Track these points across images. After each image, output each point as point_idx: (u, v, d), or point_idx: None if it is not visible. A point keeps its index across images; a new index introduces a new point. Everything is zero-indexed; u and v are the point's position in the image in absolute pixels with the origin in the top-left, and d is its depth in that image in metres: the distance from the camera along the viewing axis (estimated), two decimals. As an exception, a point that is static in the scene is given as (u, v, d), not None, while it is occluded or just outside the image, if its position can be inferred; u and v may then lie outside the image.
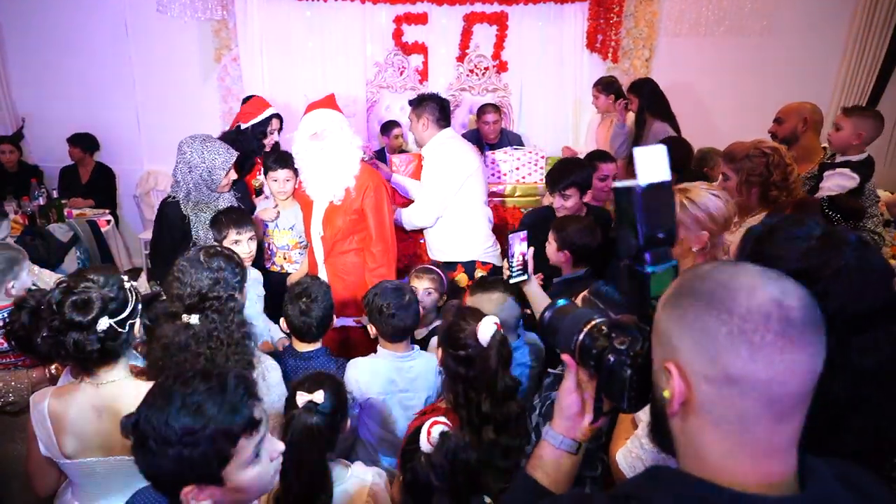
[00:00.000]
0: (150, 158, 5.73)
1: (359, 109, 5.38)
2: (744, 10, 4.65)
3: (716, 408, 0.74)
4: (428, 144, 3.36)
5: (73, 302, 1.52)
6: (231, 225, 2.70)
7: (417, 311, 2.23)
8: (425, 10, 5.25)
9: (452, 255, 3.39)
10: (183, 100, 5.50)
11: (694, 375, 0.75)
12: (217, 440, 1.07)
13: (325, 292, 2.29)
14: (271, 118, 3.53)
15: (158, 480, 1.11)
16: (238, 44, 5.30)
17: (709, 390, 0.73)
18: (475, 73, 5.38)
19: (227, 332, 1.84)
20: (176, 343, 1.80)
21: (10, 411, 2.07)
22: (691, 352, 0.75)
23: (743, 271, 0.76)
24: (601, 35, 5.22)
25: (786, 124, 3.30)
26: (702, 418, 0.75)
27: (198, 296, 1.83)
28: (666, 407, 0.79)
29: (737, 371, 0.71)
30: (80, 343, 1.52)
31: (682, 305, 0.77)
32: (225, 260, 1.91)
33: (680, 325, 0.76)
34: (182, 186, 2.86)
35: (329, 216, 2.99)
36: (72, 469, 1.64)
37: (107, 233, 4.79)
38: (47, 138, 5.51)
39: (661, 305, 0.81)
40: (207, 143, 2.85)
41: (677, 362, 0.76)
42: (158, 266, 2.95)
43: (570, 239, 2.50)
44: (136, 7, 5.26)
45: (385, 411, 2.15)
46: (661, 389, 0.80)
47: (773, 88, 3.61)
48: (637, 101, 4.40)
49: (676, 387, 0.76)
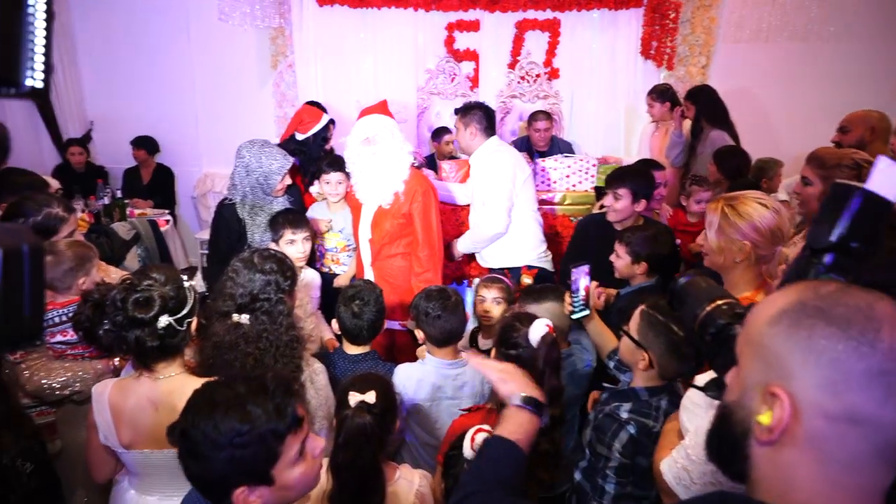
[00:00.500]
0: (208, 161, 5.93)
1: (410, 115, 5.42)
2: (810, 16, 4.47)
3: (827, 445, 0.66)
4: (476, 153, 3.35)
5: (136, 300, 1.58)
6: (287, 225, 2.78)
7: (463, 315, 2.22)
8: (477, 18, 5.27)
9: (501, 261, 3.37)
10: (240, 105, 5.67)
11: (809, 407, 0.67)
12: (266, 439, 1.08)
13: (378, 296, 2.31)
14: (328, 124, 3.62)
15: (209, 485, 1.13)
16: (294, 51, 5.44)
17: (823, 426, 0.66)
18: (526, 80, 5.36)
19: (276, 334, 1.87)
20: (226, 342, 1.84)
21: (76, 400, 2.17)
22: (812, 381, 0.67)
23: (880, 301, 0.69)
24: (656, 42, 5.12)
25: (851, 133, 3.15)
26: (804, 453, 0.68)
27: (249, 296, 1.87)
28: (756, 431, 0.72)
29: (866, 411, 0.64)
30: (141, 339, 1.59)
31: (808, 327, 0.69)
32: (277, 263, 1.95)
33: (803, 349, 0.68)
34: (239, 189, 2.94)
35: (377, 220, 3.02)
36: (129, 458, 1.70)
37: (166, 232, 4.97)
38: (113, 140, 5.78)
39: (772, 319, 0.73)
40: (265, 148, 2.93)
41: (789, 389, 0.68)
42: (214, 266, 3.03)
43: (645, 250, 2.46)
44: (199, 15, 5.46)
45: (431, 417, 2.15)
46: (749, 411, 0.73)
47: (839, 97, 3.45)
48: (693, 108, 4.29)
49: (785, 417, 0.68)
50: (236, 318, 1.88)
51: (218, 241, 3.02)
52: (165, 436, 1.62)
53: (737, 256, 1.77)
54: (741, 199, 1.80)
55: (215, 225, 3.05)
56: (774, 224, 1.75)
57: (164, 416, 1.64)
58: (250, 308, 1.88)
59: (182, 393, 1.64)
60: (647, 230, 2.56)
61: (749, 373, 0.75)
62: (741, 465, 0.75)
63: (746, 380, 0.75)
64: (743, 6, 4.72)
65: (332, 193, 3.21)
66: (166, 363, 1.67)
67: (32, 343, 1.99)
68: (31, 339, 0.58)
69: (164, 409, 1.64)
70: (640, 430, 1.69)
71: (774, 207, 1.78)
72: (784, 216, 1.78)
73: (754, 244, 1.75)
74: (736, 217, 1.77)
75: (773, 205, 1.79)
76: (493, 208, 3.24)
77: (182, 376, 1.69)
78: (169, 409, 1.64)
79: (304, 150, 3.50)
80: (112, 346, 1.64)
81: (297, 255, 2.76)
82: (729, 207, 1.79)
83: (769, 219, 1.75)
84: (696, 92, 4.37)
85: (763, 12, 4.61)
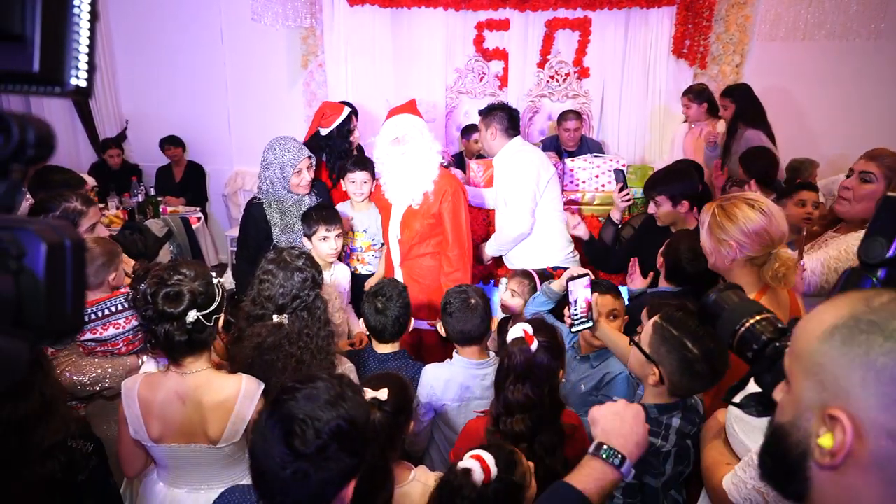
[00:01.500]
0: (239, 159, 6.02)
1: (438, 115, 5.43)
2: (849, 13, 4.35)
3: (894, 465, 0.64)
4: (499, 154, 3.33)
5: (166, 294, 1.60)
6: (321, 221, 2.77)
7: (484, 316, 2.19)
8: (507, 17, 5.25)
9: (528, 263, 3.34)
10: (271, 103, 5.74)
11: (873, 428, 0.64)
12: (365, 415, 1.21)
13: (402, 293, 2.31)
14: (350, 115, 3.62)
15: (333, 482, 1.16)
16: (324, 50, 5.48)
17: (889, 446, 0.64)
18: (555, 80, 5.31)
19: (315, 331, 1.91)
20: (269, 343, 1.88)
21: (106, 395, 2.20)
22: (873, 400, 0.64)
23: None
24: (689, 40, 5.03)
25: None
26: (871, 475, 0.66)
27: (290, 296, 1.91)
28: (816, 455, 0.69)
29: None
30: (170, 333, 1.61)
31: (863, 343, 0.66)
32: (308, 259, 1.98)
33: (860, 366, 0.66)
34: (263, 187, 2.98)
35: (407, 220, 3.02)
36: (159, 452, 1.73)
37: (197, 229, 5.06)
38: (146, 139, 5.90)
39: (825, 336, 0.70)
40: (280, 141, 2.95)
41: (850, 410, 0.66)
42: (242, 264, 3.08)
43: (680, 267, 2.37)
44: (232, 16, 5.55)
45: (461, 417, 2.14)
46: (807, 433, 0.70)
47: (880, 97, 3.35)
48: (731, 106, 4.20)
49: (847, 439, 0.65)
50: (277, 318, 1.91)
51: (247, 240, 3.06)
52: (191, 430, 1.66)
53: (727, 258, 1.80)
54: (732, 202, 1.82)
55: (244, 224, 3.08)
56: (761, 227, 1.75)
57: (191, 410, 1.67)
58: (291, 307, 1.92)
59: (209, 388, 1.68)
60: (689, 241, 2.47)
61: (803, 392, 0.72)
62: (800, 487, 0.73)
63: (801, 400, 0.73)
64: (779, 3, 4.62)
65: (357, 193, 3.22)
66: (194, 358, 1.70)
67: (74, 338, 2.03)
68: (73, 333, 0.59)
69: (191, 403, 1.67)
70: (647, 450, 1.63)
71: (764, 210, 1.77)
72: (776, 220, 1.77)
73: (740, 245, 1.77)
74: (724, 219, 1.79)
75: (763, 208, 1.78)
76: (516, 209, 3.22)
77: (209, 371, 1.72)
78: (195, 403, 1.67)
79: (329, 143, 3.52)
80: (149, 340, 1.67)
81: (330, 251, 2.78)
82: (719, 209, 1.82)
83: (756, 221, 1.75)
84: (734, 90, 4.28)
85: (800, 9, 4.50)
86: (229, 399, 1.68)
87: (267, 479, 1.14)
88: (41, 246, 0.54)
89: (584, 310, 2.02)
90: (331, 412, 1.14)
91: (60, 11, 0.52)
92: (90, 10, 0.53)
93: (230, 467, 1.75)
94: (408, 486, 1.65)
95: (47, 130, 0.55)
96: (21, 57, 0.51)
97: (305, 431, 1.11)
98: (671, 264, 2.39)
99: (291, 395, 1.17)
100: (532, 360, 1.67)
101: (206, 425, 1.68)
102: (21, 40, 0.51)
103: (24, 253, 0.54)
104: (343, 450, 1.13)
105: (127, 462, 1.79)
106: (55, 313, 0.56)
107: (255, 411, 1.68)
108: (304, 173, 2.96)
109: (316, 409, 1.14)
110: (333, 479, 1.14)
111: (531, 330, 1.70)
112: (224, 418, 1.67)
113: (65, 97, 0.54)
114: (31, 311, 0.54)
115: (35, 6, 0.51)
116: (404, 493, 1.64)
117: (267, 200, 2.97)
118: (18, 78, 0.52)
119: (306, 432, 1.11)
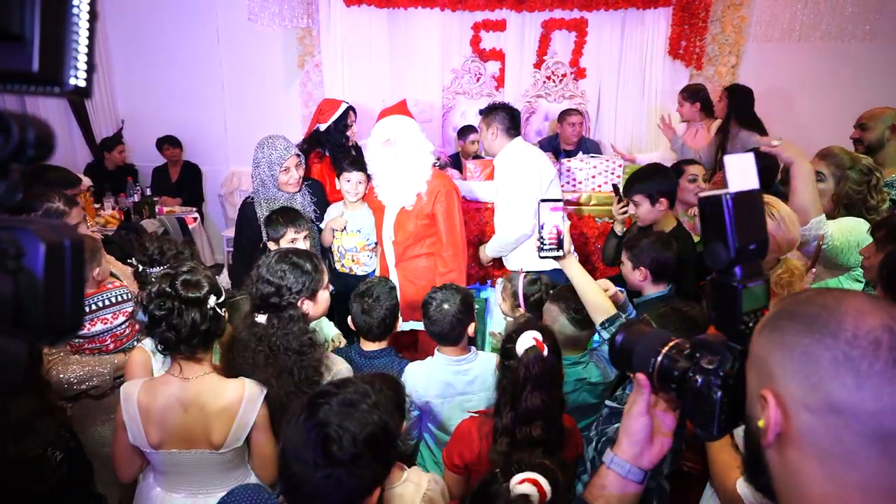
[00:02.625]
0: (235, 159, 6.01)
1: (435, 115, 5.43)
2: (844, 15, 4.38)
3: (819, 440, 0.68)
4: (500, 154, 3.32)
5: (185, 281, 1.60)
6: (289, 224, 2.71)
7: (454, 319, 2.16)
8: (504, 17, 5.26)
9: (527, 264, 3.34)
10: (267, 104, 5.74)
11: (794, 404, 0.69)
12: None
13: (389, 293, 2.31)
14: (347, 111, 3.63)
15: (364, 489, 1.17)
16: (321, 50, 5.48)
17: (810, 420, 0.68)
18: (552, 80, 5.33)
19: (286, 339, 1.83)
20: (242, 340, 1.86)
21: (93, 395, 2.19)
22: (791, 378, 0.70)
23: (851, 296, 0.71)
24: (685, 41, 5.05)
25: (871, 131, 3.12)
26: (803, 451, 0.69)
27: (259, 298, 1.87)
28: (760, 438, 0.73)
29: (841, 399, 0.65)
30: (196, 322, 1.59)
31: (781, 328, 0.73)
32: (292, 268, 1.90)
33: (778, 349, 0.72)
34: (255, 184, 2.97)
35: (400, 221, 3.02)
36: (158, 458, 1.71)
37: (193, 230, 5.05)
38: (142, 139, 5.88)
39: (759, 329, 0.77)
40: (269, 139, 2.94)
41: (774, 389, 0.71)
42: (238, 264, 3.07)
43: (643, 254, 2.35)
44: (228, 16, 5.54)
45: (444, 415, 2.15)
46: (755, 419, 0.75)
47: (875, 98, 3.36)
48: (726, 101, 4.20)
49: (772, 416, 0.71)
50: (258, 317, 1.89)
51: (241, 240, 3.05)
52: (192, 436, 1.65)
53: None
54: None
55: (238, 223, 3.08)
56: (769, 232, 1.73)
57: (192, 415, 1.66)
58: (267, 308, 1.88)
59: (211, 393, 1.67)
60: (650, 235, 2.47)
61: (750, 383, 0.78)
62: (764, 476, 0.76)
63: (750, 391, 0.78)
64: (774, 5, 4.64)
65: (351, 192, 3.21)
66: (204, 353, 1.69)
67: (72, 338, 2.02)
68: (72, 333, 0.59)
69: (194, 408, 1.66)
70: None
71: (774, 215, 1.74)
72: (785, 226, 1.74)
73: None
74: None
75: (774, 212, 1.75)
76: (518, 209, 3.21)
77: (211, 376, 1.71)
78: (198, 408, 1.66)
79: (328, 139, 3.54)
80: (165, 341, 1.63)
81: None
82: None
83: (768, 226, 1.73)
84: (735, 89, 4.27)
85: (795, 10, 4.53)
86: (232, 404, 1.67)
87: (297, 483, 1.14)
88: (40, 246, 0.54)
89: (553, 237, 1.93)
90: (366, 418, 1.15)
91: (60, 11, 0.52)
92: (89, 9, 0.54)
93: (229, 472, 1.75)
94: (400, 486, 1.64)
95: (47, 130, 0.55)
96: (20, 57, 0.51)
97: (342, 437, 1.12)
98: (652, 266, 2.36)
99: (327, 400, 1.17)
100: (546, 367, 1.67)
101: (209, 431, 1.67)
102: (20, 40, 0.51)
103: (23, 253, 0.54)
104: (376, 458, 1.15)
105: (122, 467, 1.78)
106: (54, 313, 0.56)
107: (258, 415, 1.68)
108: (293, 171, 2.95)
109: (354, 416, 1.15)
110: (365, 487, 1.15)
111: (541, 336, 1.69)
112: (227, 423, 1.67)
113: (64, 97, 0.55)
114: (30, 311, 0.54)
115: (34, 6, 0.51)
116: (398, 494, 1.63)
117: (258, 199, 2.97)
118: (17, 78, 0.52)
119: (343, 438, 1.11)
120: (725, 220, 0.82)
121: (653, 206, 2.74)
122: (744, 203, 0.83)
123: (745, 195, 0.83)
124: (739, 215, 0.82)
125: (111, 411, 2.16)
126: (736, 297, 0.84)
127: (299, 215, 2.80)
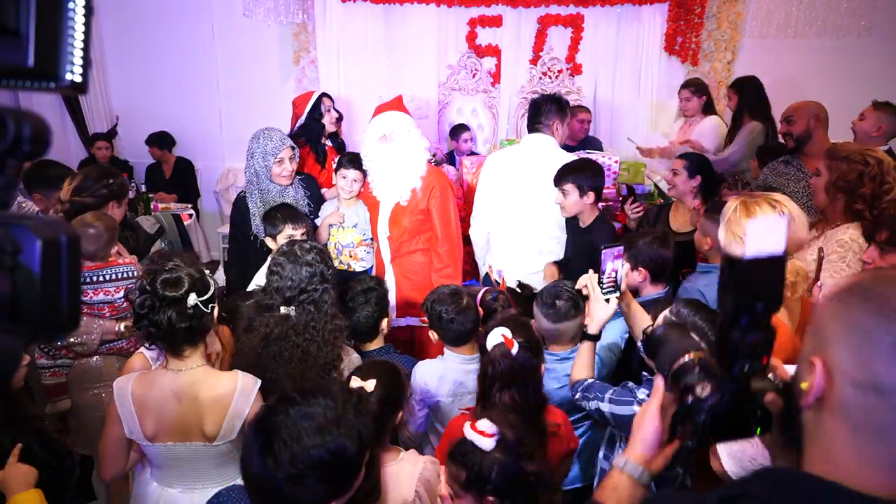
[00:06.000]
0: (231, 156, 5.98)
1: (431, 111, 5.42)
2: (840, 11, 4.38)
3: (856, 413, 0.71)
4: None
5: (165, 279, 1.60)
6: (287, 220, 2.70)
7: (476, 315, 2.19)
8: (500, 13, 5.26)
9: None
10: (262, 100, 5.70)
11: (840, 376, 0.72)
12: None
13: (378, 295, 2.33)
14: (321, 98, 3.63)
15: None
16: (316, 46, 5.46)
17: (852, 394, 0.71)
18: (548, 76, 5.32)
19: (322, 324, 1.93)
20: (276, 334, 1.89)
21: (78, 352, 2.32)
22: (845, 351, 0.72)
23: None
24: (681, 37, 5.06)
25: (797, 124, 3.20)
26: (838, 420, 0.73)
27: (297, 289, 1.93)
28: (800, 398, 0.77)
29: (889, 382, 0.68)
30: (172, 319, 1.60)
31: (850, 303, 0.74)
32: (318, 255, 2.00)
33: (841, 322, 0.74)
34: (248, 176, 2.96)
35: (395, 217, 3.02)
36: (153, 451, 1.72)
37: (189, 226, 5.03)
38: (137, 135, 5.84)
39: (829, 299, 0.79)
40: (265, 130, 2.94)
41: (825, 358, 0.74)
42: (232, 259, 3.06)
43: (642, 254, 2.34)
44: (223, 11, 5.51)
45: (452, 414, 2.14)
46: (800, 380, 0.78)
47: (871, 94, 3.37)
48: (736, 98, 4.20)
49: (817, 381, 0.74)
50: (284, 310, 1.93)
51: (236, 235, 3.04)
52: (186, 428, 1.65)
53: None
54: (756, 199, 1.79)
55: (232, 218, 3.07)
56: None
57: (186, 407, 1.66)
58: (298, 300, 1.94)
59: (204, 384, 1.68)
60: (647, 234, 2.45)
61: (805, 346, 0.81)
62: (795, 431, 0.80)
63: (802, 354, 0.81)
64: (770, 1, 4.65)
65: (346, 189, 3.20)
66: (192, 349, 1.69)
67: (68, 335, 2.03)
68: (69, 329, 0.59)
69: (187, 400, 1.66)
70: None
71: (784, 213, 1.73)
72: (793, 226, 1.73)
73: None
74: (743, 215, 1.76)
75: (784, 210, 1.75)
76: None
77: (204, 368, 1.71)
78: (191, 400, 1.66)
79: (306, 131, 3.54)
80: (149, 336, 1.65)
81: None
82: (742, 205, 1.79)
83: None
84: (743, 83, 4.25)
85: (791, 7, 4.53)
86: (226, 395, 1.68)
87: (248, 481, 1.15)
88: (37, 242, 0.54)
89: (611, 279, 1.99)
90: (316, 439, 1.09)
91: (55, 6, 0.52)
92: (85, 4, 0.53)
93: (224, 466, 1.75)
94: (396, 465, 1.65)
95: (43, 126, 0.55)
96: (16, 52, 0.51)
97: (280, 454, 1.07)
98: (652, 266, 2.34)
99: (286, 408, 1.13)
100: (515, 364, 1.67)
101: (202, 422, 1.67)
102: (16, 35, 0.51)
103: (20, 249, 0.53)
104: (323, 480, 1.09)
105: (108, 462, 1.75)
106: (51, 309, 0.56)
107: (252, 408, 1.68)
108: (286, 163, 2.94)
109: (302, 433, 1.09)
110: (315, 500, 1.12)
111: (510, 333, 1.69)
112: (221, 414, 1.67)
113: (60, 92, 0.54)
114: (27, 308, 0.54)
115: (30, 1, 0.50)
116: (392, 472, 1.63)
117: (250, 190, 2.95)
118: (13, 72, 0.52)
119: (281, 454, 1.07)
120: (735, 280, 0.86)
121: (580, 198, 2.77)
122: (759, 267, 0.85)
123: (763, 260, 0.84)
124: (751, 278, 0.86)
125: (103, 377, 2.36)
126: (734, 346, 0.90)
127: (298, 212, 2.81)
